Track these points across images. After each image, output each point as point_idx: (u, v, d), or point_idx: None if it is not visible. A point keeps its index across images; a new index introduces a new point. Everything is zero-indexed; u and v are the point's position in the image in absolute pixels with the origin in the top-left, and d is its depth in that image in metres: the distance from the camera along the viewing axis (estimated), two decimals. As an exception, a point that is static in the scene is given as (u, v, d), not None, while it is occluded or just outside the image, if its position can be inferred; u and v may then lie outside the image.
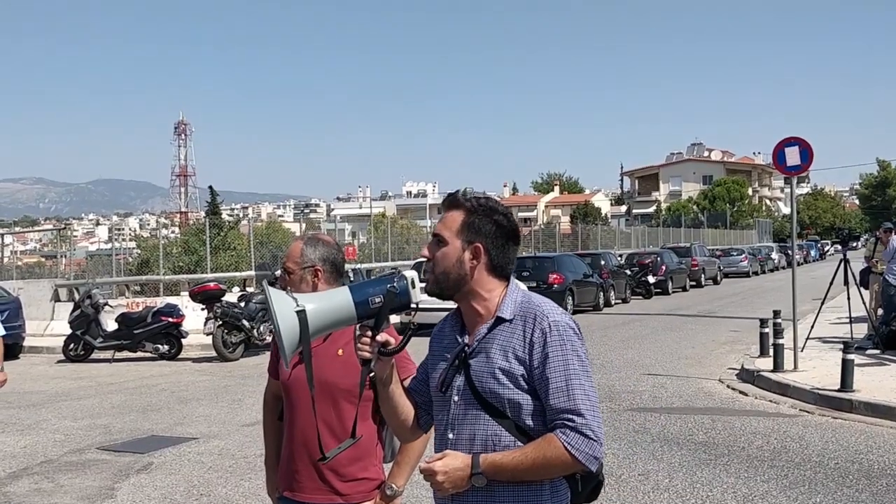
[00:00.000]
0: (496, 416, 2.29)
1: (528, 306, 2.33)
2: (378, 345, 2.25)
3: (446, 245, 2.35)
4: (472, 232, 2.34)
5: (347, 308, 2.21)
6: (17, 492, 7.27)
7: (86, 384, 13.53)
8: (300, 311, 2.17)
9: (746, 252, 45.54)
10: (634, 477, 7.06)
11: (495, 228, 2.36)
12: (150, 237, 33.24)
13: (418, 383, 2.55)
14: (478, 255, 2.34)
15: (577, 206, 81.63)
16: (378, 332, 2.24)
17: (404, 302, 2.24)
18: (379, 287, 2.23)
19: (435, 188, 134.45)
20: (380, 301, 2.21)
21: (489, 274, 2.37)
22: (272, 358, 3.37)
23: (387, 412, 2.48)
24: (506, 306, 2.34)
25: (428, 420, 2.52)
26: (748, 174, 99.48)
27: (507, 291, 2.37)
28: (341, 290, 2.24)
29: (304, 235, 3.38)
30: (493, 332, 2.32)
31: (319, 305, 2.21)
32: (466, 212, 2.37)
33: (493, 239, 2.36)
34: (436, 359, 2.47)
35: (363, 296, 2.21)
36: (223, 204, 67.68)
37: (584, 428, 2.18)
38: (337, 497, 3.07)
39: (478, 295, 2.36)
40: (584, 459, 2.17)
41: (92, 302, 16.35)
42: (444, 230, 2.37)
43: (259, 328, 15.85)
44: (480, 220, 2.35)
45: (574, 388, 2.22)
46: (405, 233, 39.38)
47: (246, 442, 8.76)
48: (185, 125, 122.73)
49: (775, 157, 12.56)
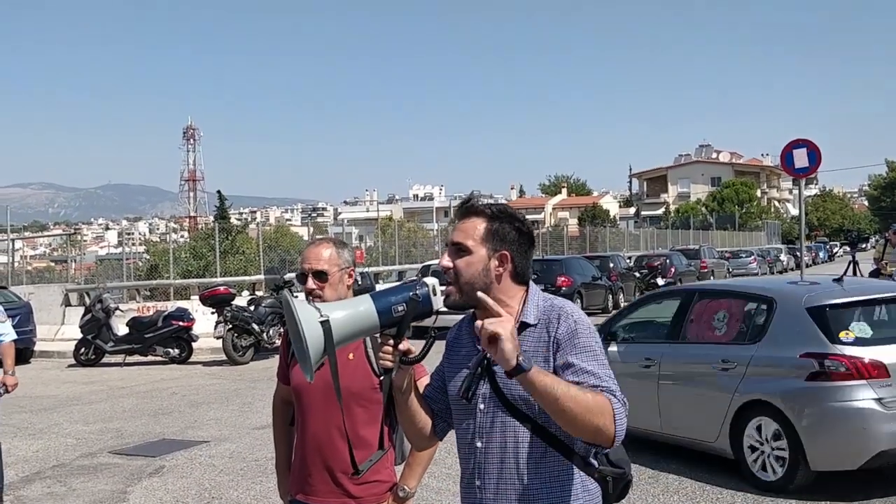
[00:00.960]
0: (526, 423, 2.28)
1: (552, 308, 2.32)
2: (400, 353, 2.24)
3: (469, 254, 2.32)
4: (498, 239, 2.33)
5: (371, 317, 2.19)
6: (29, 496, 7.33)
7: (97, 388, 13.60)
8: (324, 321, 2.14)
9: (755, 254, 45.49)
10: (644, 479, 7.06)
11: (518, 235, 2.36)
12: (160, 242, 33.34)
13: (434, 391, 2.52)
14: (504, 262, 2.33)
15: (586, 208, 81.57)
16: (400, 341, 2.23)
17: (426, 310, 2.23)
18: (401, 295, 2.22)
19: (442, 191, 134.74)
20: (402, 310, 2.20)
21: (513, 280, 2.36)
22: (281, 363, 3.39)
23: (404, 420, 2.45)
24: (529, 311, 2.33)
25: (444, 427, 2.51)
26: (757, 176, 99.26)
27: (528, 296, 2.37)
28: (364, 298, 2.23)
29: (326, 238, 3.34)
30: (518, 337, 2.27)
31: (343, 315, 2.19)
32: (488, 219, 2.35)
33: (517, 246, 2.35)
34: (454, 366, 2.44)
35: (386, 304, 2.20)
36: (231, 208, 67.82)
37: (621, 399, 2.17)
38: (350, 500, 3.10)
39: (500, 302, 2.30)
40: (619, 421, 2.12)
41: (103, 306, 16.43)
42: (467, 238, 2.33)
43: (269, 332, 15.91)
44: (504, 227, 2.34)
45: (603, 374, 2.20)
46: (412, 236, 39.49)
47: (257, 445, 8.80)
48: (193, 130, 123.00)
49: (783, 160, 12.57)
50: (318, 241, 3.32)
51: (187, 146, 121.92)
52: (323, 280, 3.15)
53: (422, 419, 2.45)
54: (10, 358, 6.94)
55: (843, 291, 7.05)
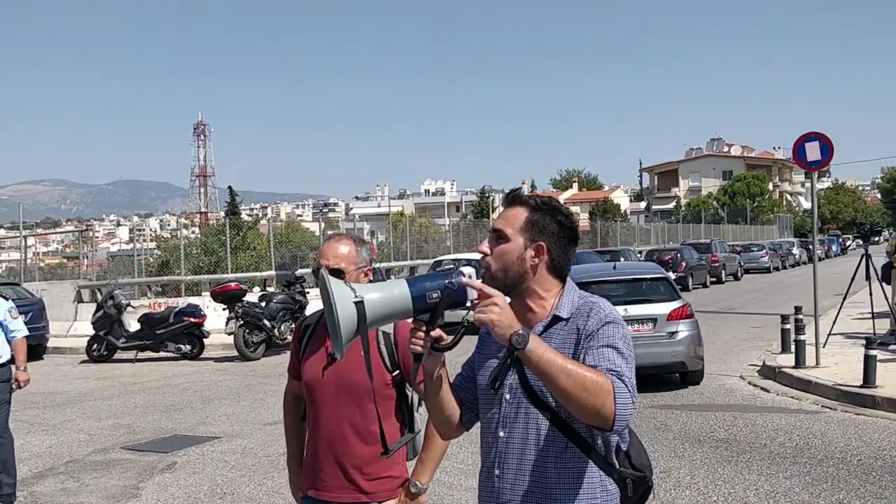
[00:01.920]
0: (549, 415, 2.28)
1: (585, 304, 2.31)
2: (432, 340, 2.23)
3: (507, 241, 2.32)
4: (537, 230, 2.32)
5: (405, 301, 2.19)
6: (43, 491, 7.35)
7: (109, 384, 13.65)
8: (359, 301, 2.14)
9: (767, 248, 45.18)
10: (656, 475, 6.99)
11: (559, 228, 2.35)
12: (171, 238, 33.41)
13: (464, 380, 2.53)
14: (540, 253, 2.32)
15: (597, 202, 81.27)
16: (432, 328, 2.22)
17: (460, 299, 2.21)
18: (437, 282, 2.20)
19: (453, 186, 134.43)
20: (437, 296, 2.19)
21: (549, 273, 2.35)
22: (293, 358, 3.38)
23: (432, 408, 2.45)
24: (563, 306, 2.32)
25: (472, 418, 2.50)
26: (768, 169, 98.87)
27: (564, 291, 2.36)
28: (399, 282, 2.22)
29: (346, 235, 3.31)
30: (550, 330, 2.31)
31: (378, 297, 2.18)
32: (530, 209, 2.35)
33: (556, 239, 2.34)
34: (485, 356, 2.45)
35: (421, 290, 2.19)
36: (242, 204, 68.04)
37: (629, 384, 2.11)
38: (362, 495, 3.09)
39: (535, 293, 2.34)
40: (620, 404, 2.06)
41: (114, 303, 16.48)
42: (507, 226, 2.34)
43: (280, 327, 15.92)
44: (544, 218, 2.34)
45: (619, 362, 2.16)
46: (423, 231, 39.45)
47: (268, 441, 8.82)
48: (204, 126, 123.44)
49: (795, 153, 12.50)
50: (337, 237, 3.28)
51: (198, 142, 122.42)
52: (339, 278, 3.12)
53: (450, 408, 2.45)
54: (21, 354, 7.01)
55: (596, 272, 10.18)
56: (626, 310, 10.89)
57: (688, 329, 11.41)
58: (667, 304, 11.52)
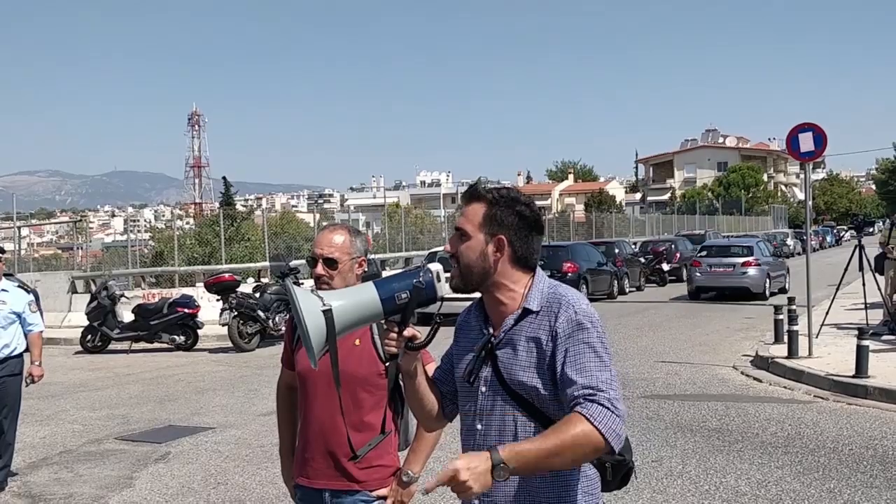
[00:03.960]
0: (524, 408, 2.29)
1: (555, 296, 2.31)
2: (405, 340, 2.25)
3: (469, 239, 2.33)
4: (495, 224, 2.32)
5: (374, 305, 2.19)
6: (36, 481, 7.36)
7: (103, 375, 13.65)
8: (327, 309, 2.14)
9: (761, 238, 45.28)
10: (648, 463, 7.08)
11: (518, 220, 2.34)
12: (166, 228, 33.36)
13: (443, 373, 2.54)
14: (501, 247, 2.32)
15: (592, 194, 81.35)
16: (404, 328, 2.24)
17: (430, 296, 2.23)
18: (404, 282, 2.22)
19: (449, 177, 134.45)
20: (406, 297, 2.20)
21: (513, 266, 2.35)
22: (286, 348, 3.39)
23: (413, 403, 2.48)
24: (532, 298, 2.32)
25: (453, 409, 2.52)
26: (763, 160, 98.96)
27: (533, 282, 2.36)
28: (366, 286, 2.22)
29: (341, 225, 3.31)
30: (521, 323, 2.31)
31: (346, 303, 2.18)
32: (488, 204, 2.34)
33: (515, 230, 2.33)
34: (461, 349, 2.46)
35: (389, 292, 2.20)
36: (237, 195, 67.96)
37: (605, 401, 2.10)
38: (353, 484, 3.11)
39: (503, 287, 2.34)
40: (607, 432, 2.06)
41: (108, 293, 16.46)
42: (467, 224, 2.35)
43: (274, 319, 15.92)
44: (502, 211, 2.33)
45: (594, 369, 2.17)
46: (419, 223, 39.37)
47: (262, 431, 8.84)
48: (198, 116, 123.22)
49: (789, 144, 12.53)
50: (332, 227, 3.28)
51: (192, 133, 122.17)
52: (333, 267, 3.13)
53: (430, 402, 2.47)
54: (37, 348, 7.09)
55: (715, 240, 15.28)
56: (722, 260, 22.86)
57: (754, 271, 22.46)
58: (742, 258, 22.76)
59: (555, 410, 2.25)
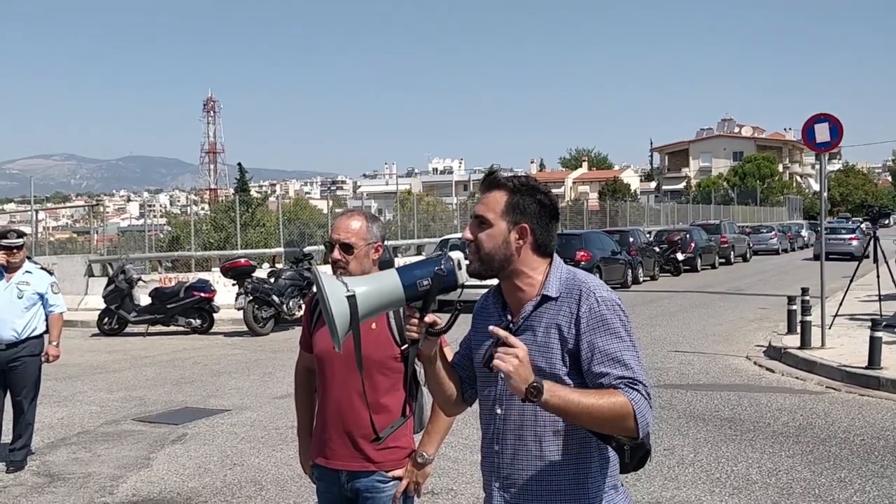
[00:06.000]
0: None
1: (574, 283, 2.34)
2: (426, 325, 2.29)
3: (490, 226, 2.35)
4: (518, 212, 2.35)
5: (396, 291, 2.24)
6: (55, 461, 7.48)
7: (120, 357, 13.78)
8: (350, 295, 2.19)
9: (776, 229, 45.13)
10: (660, 452, 7.12)
11: (539, 208, 2.37)
12: (181, 214, 33.56)
13: (462, 358, 2.58)
14: (524, 235, 2.35)
15: (606, 182, 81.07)
16: (426, 314, 2.28)
17: (451, 283, 2.28)
18: (426, 269, 2.26)
19: (461, 165, 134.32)
20: (427, 284, 2.24)
21: (534, 253, 2.38)
22: (304, 331, 3.45)
23: (433, 387, 2.52)
24: (551, 284, 2.35)
25: (472, 394, 2.56)
26: (779, 150, 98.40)
27: (551, 269, 2.39)
28: (389, 273, 2.27)
29: (358, 211, 3.37)
30: (539, 309, 2.34)
31: (369, 289, 2.22)
32: (509, 192, 2.37)
33: (537, 219, 2.37)
34: (480, 335, 2.49)
35: (411, 279, 2.24)
36: (251, 181, 68.06)
37: (644, 391, 2.18)
38: (370, 464, 3.18)
39: (522, 274, 2.36)
40: (640, 418, 2.15)
41: (125, 277, 16.58)
42: (488, 211, 2.36)
43: (288, 303, 16.02)
44: (524, 200, 2.36)
45: (629, 361, 2.23)
46: (431, 210, 39.46)
47: (277, 414, 8.93)
48: (213, 102, 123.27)
49: (805, 134, 12.50)
50: (349, 212, 3.34)
51: (207, 118, 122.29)
52: (349, 253, 3.19)
53: (450, 386, 2.51)
54: (56, 329, 7.26)
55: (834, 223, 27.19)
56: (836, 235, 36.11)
57: (855, 242, 34.80)
58: (848, 235, 36.84)
59: None
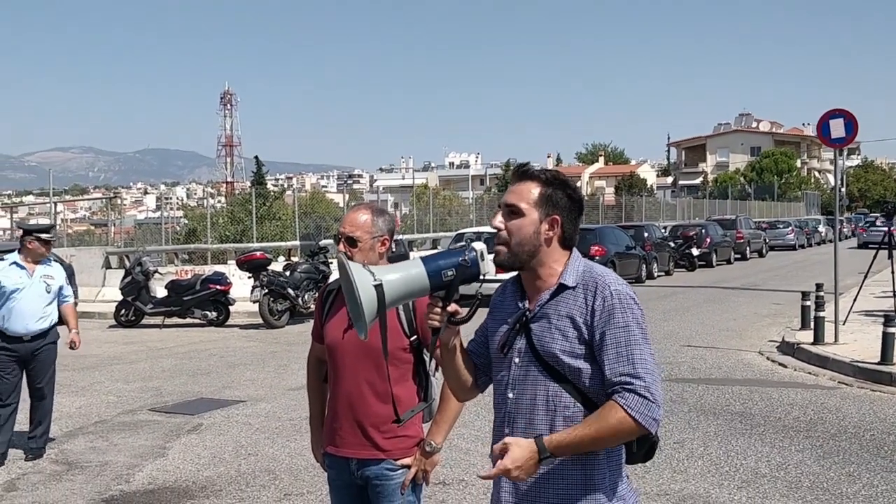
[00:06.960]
0: (555, 378, 2.39)
1: (590, 275, 2.41)
2: (448, 315, 2.37)
3: (522, 216, 2.41)
4: (550, 205, 2.41)
5: (421, 281, 2.32)
6: (73, 449, 7.60)
7: (137, 348, 13.93)
8: (378, 284, 2.27)
9: (793, 225, 44.86)
10: (670, 445, 7.16)
11: (569, 202, 2.44)
12: (198, 206, 33.76)
13: (477, 346, 2.65)
14: (555, 226, 2.42)
15: (622, 177, 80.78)
16: (448, 303, 2.36)
17: (474, 274, 2.35)
18: (451, 260, 2.33)
19: (478, 159, 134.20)
20: (452, 274, 2.32)
21: (560, 245, 2.45)
22: (316, 322, 3.52)
23: (449, 374, 2.60)
24: (569, 274, 2.42)
25: (486, 381, 2.64)
26: (797, 146, 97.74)
27: (569, 261, 2.46)
28: (416, 262, 2.34)
29: (366, 205, 3.44)
30: (556, 298, 2.41)
31: (396, 278, 2.30)
32: (542, 184, 2.43)
33: (567, 212, 2.44)
34: (496, 322, 2.57)
35: (436, 269, 2.32)
36: (268, 174, 68.29)
37: (643, 390, 2.24)
38: (379, 453, 3.25)
39: (546, 264, 2.43)
40: (644, 421, 2.22)
41: (142, 269, 16.72)
42: (520, 201, 2.42)
43: (304, 297, 16.12)
44: (556, 192, 2.43)
45: (633, 353, 2.30)
46: (447, 204, 39.49)
47: (292, 405, 9.02)
48: (230, 95, 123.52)
49: (820, 130, 12.48)
50: (358, 206, 3.41)
51: (224, 112, 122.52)
52: (353, 246, 3.26)
53: (465, 373, 2.59)
54: (73, 318, 7.59)
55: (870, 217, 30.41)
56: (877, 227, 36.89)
57: None
58: None
59: (585, 381, 2.36)
